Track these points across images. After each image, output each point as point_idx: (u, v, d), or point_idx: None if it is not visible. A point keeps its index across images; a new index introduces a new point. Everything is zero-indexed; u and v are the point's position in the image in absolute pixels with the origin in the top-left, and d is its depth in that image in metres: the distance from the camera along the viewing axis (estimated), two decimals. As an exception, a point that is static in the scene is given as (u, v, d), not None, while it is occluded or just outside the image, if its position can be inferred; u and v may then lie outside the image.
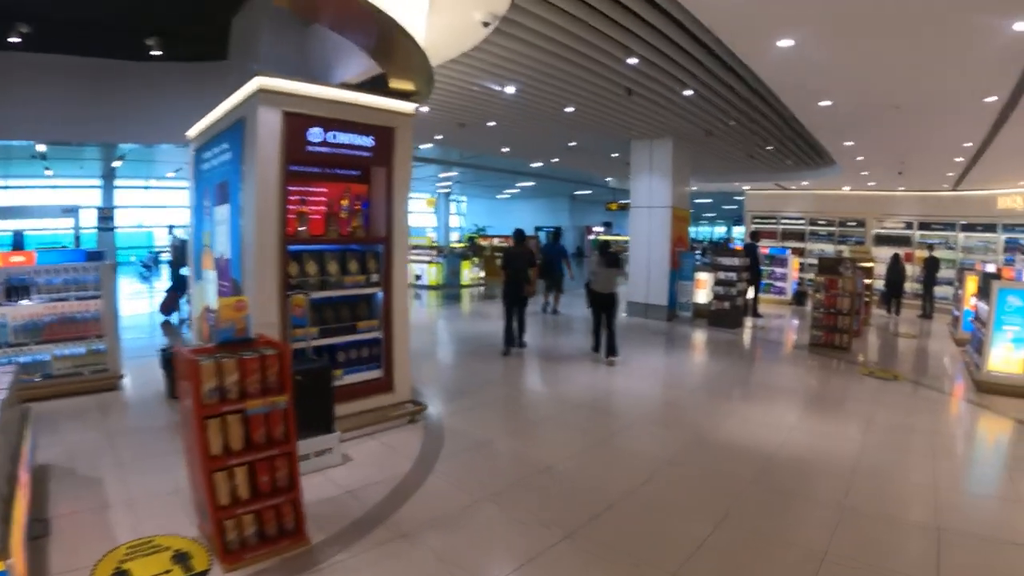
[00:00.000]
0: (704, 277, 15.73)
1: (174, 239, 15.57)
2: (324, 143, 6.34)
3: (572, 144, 16.81)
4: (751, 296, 16.04)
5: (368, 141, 6.64)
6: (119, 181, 28.29)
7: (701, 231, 64.71)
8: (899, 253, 18.22)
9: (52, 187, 27.73)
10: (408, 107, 6.93)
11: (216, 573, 3.84)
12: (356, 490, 5.13)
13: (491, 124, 13.90)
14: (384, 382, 7.02)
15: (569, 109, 12.08)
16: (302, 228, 6.45)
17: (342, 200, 6.87)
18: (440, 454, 6.06)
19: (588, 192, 41.56)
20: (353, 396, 6.67)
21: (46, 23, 9.52)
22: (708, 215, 57.70)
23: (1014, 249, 18.68)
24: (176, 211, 27.57)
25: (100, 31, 10.27)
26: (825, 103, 9.56)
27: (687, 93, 10.52)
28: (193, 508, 4.39)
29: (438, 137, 16.31)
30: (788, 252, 20.71)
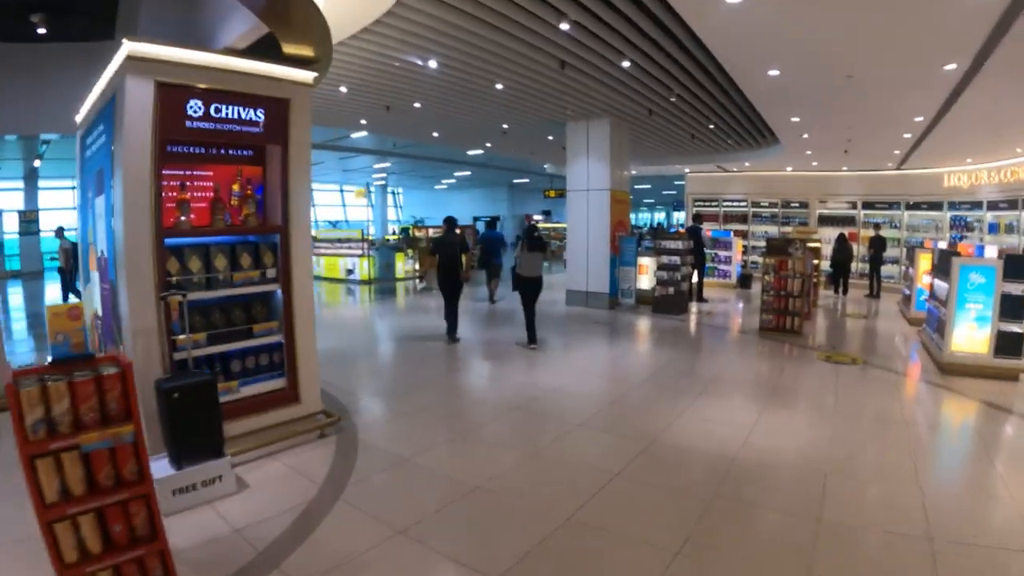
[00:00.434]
0: (646, 262, 15.11)
1: (63, 241, 14.15)
2: (207, 118, 5.39)
3: (505, 127, 15.95)
4: (695, 280, 15.48)
5: (258, 115, 5.70)
6: (43, 182, 26.28)
7: (641, 217, 64.82)
8: (844, 233, 17.98)
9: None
10: (305, 76, 5.99)
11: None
12: (248, 527, 4.25)
13: (417, 105, 12.96)
14: (288, 393, 6.08)
15: (499, 86, 11.24)
16: (183, 218, 5.48)
17: (232, 185, 5.93)
18: (352, 475, 5.19)
19: (526, 180, 41.14)
20: (252, 411, 5.77)
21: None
22: (648, 201, 57.74)
23: (960, 227, 18.58)
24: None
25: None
26: (773, 72, 8.92)
27: (625, 65, 9.76)
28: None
29: (363, 122, 15.25)
30: (732, 235, 20.36)
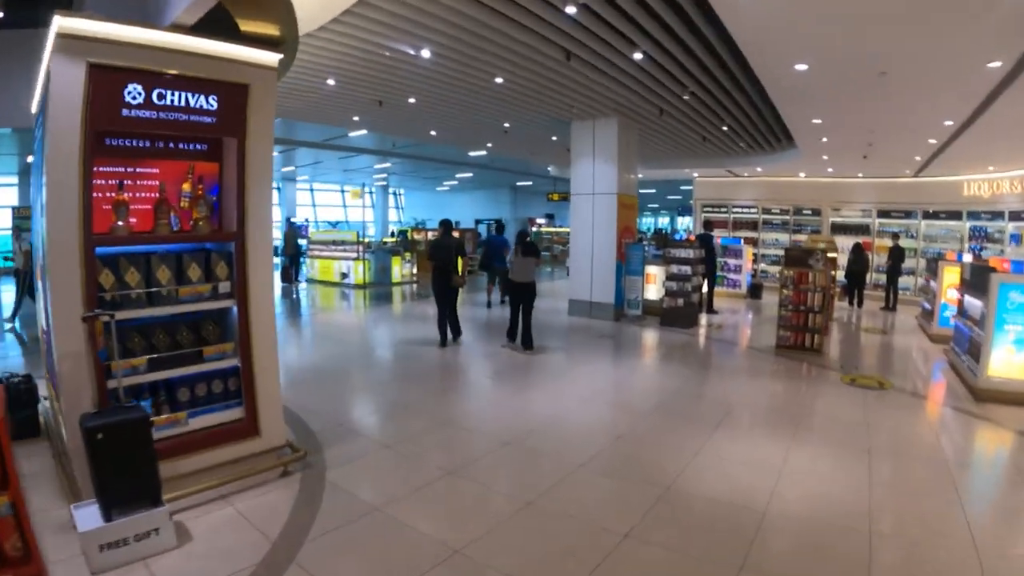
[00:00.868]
0: (654, 271, 14.23)
1: (21, 242, 13.24)
2: (148, 105, 4.55)
3: (506, 126, 15.08)
4: (705, 291, 14.64)
5: (211, 103, 4.86)
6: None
7: (645, 222, 63.97)
8: (860, 242, 17.19)
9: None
10: (267, 58, 5.14)
11: None
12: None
13: (412, 101, 12.13)
14: (246, 424, 5.24)
15: (499, 80, 10.40)
16: (120, 223, 4.66)
17: (183, 184, 5.10)
18: (311, 529, 4.34)
19: (529, 183, 40.57)
20: (203, 446, 4.95)
21: None
22: (652, 205, 56.88)
23: (980, 237, 17.73)
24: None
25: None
26: (800, 67, 8.06)
27: (637, 57, 8.91)
28: None
29: (356, 118, 14.40)
30: (742, 242, 19.54)
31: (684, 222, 56.35)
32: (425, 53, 8.91)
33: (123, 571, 3.76)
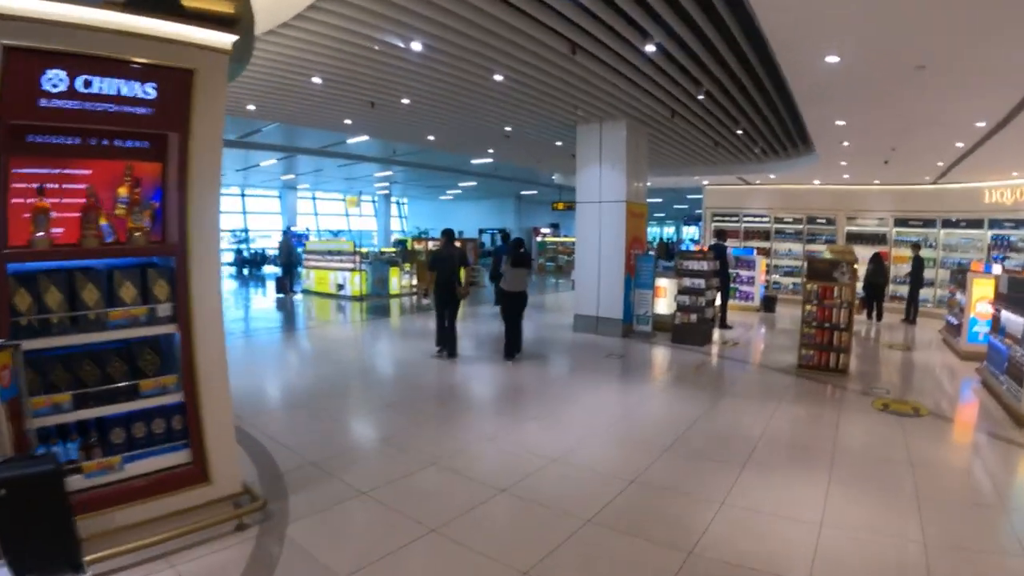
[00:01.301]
0: (665, 284, 13.39)
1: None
2: (71, 94, 3.83)
3: (508, 130, 14.26)
4: (719, 304, 13.80)
5: (148, 92, 4.09)
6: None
7: (649, 232, 63.11)
8: (879, 252, 16.43)
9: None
10: (217, 39, 4.33)
11: None
12: None
13: (405, 102, 11.34)
14: (193, 470, 4.45)
15: (498, 77, 9.59)
16: (40, 234, 3.88)
17: (119, 188, 4.28)
18: (262, 606, 3.55)
19: (534, 192, 40.00)
20: (142, 495, 4.18)
21: None
22: (658, 215, 56.01)
23: (1003, 246, 16.86)
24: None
25: None
26: (832, 59, 7.24)
27: (649, 49, 8.09)
28: None
29: (347, 121, 13.60)
30: (755, 253, 18.72)
31: (690, 232, 55.61)
32: (416, 46, 8.12)
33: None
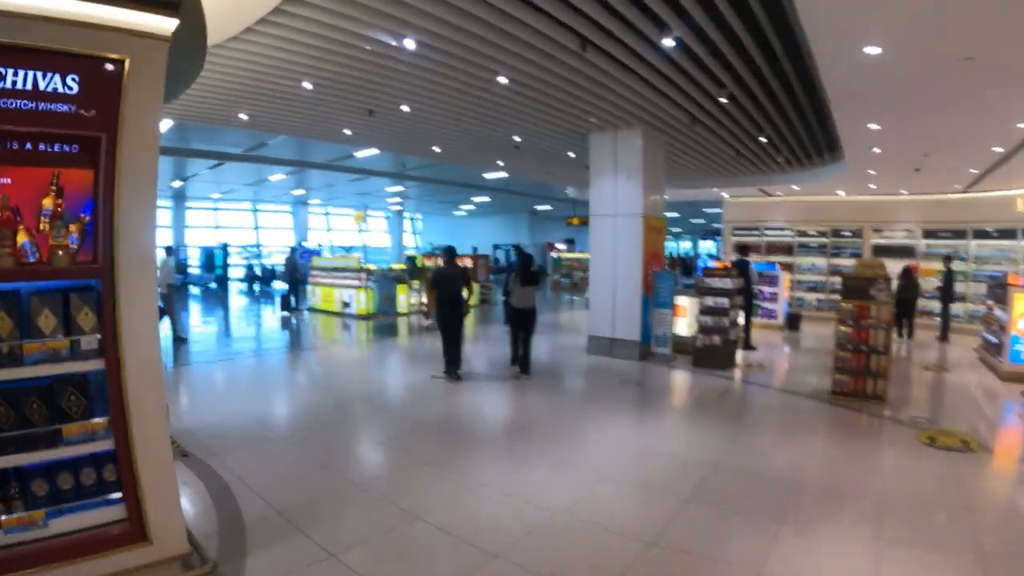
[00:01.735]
0: (684, 303, 12.53)
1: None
2: (-26, 89, 3.16)
3: (517, 140, 13.51)
4: (742, 323, 12.91)
5: (69, 86, 3.45)
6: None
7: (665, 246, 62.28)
8: (909, 266, 15.60)
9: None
10: (155, 23, 3.64)
11: None
12: None
13: (405, 109, 10.62)
14: (130, 527, 3.75)
15: (503, 80, 8.85)
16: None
17: (43, 199, 3.58)
18: None
19: (548, 207, 39.63)
20: (69, 555, 3.55)
21: None
22: (674, 229, 55.18)
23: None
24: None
25: None
26: (872, 50, 6.43)
27: (667, 44, 7.31)
28: None
29: (347, 132, 12.90)
30: (778, 268, 17.86)
31: (706, 247, 54.75)
32: (409, 43, 7.39)
33: None
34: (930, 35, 6.11)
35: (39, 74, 3.37)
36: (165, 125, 14.73)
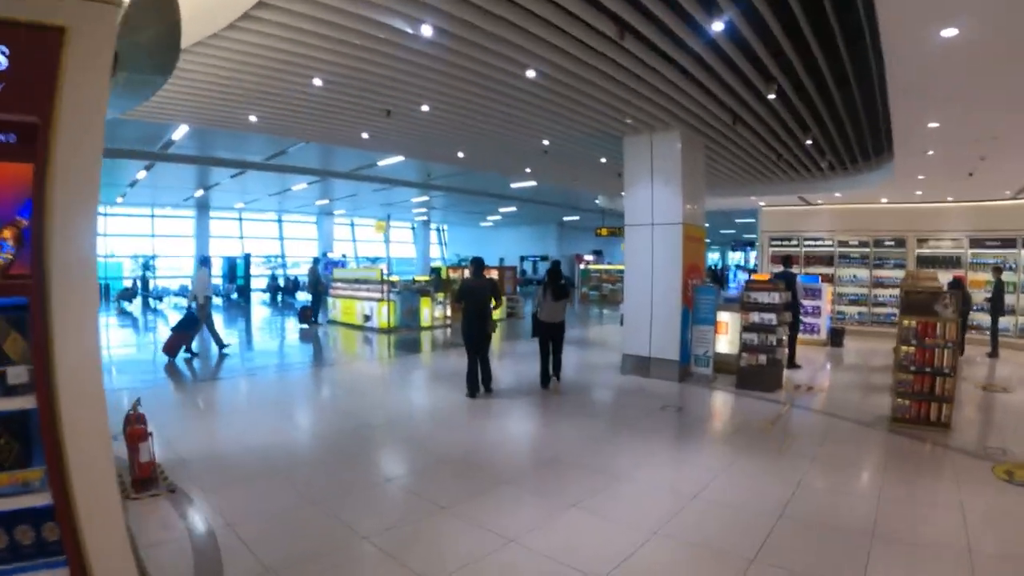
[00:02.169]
0: (726, 318, 11.63)
1: None
2: None
3: (545, 144, 12.72)
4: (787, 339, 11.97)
5: (-4, 58, 2.77)
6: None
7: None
8: (958, 277, 14.93)
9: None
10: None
11: None
12: None
13: (425, 109, 9.91)
14: (73, 595, 3.00)
15: (531, 73, 8.08)
16: None
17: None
18: None
19: (576, 218, 38.99)
20: None
21: None
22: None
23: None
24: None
25: None
26: (949, 32, 5.58)
27: (716, 29, 6.50)
28: None
29: (364, 136, 12.19)
30: (820, 280, 16.96)
31: (735, 258, 53.75)
32: (427, 30, 6.66)
33: None
34: (1016, 13, 5.26)
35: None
36: (180, 132, 14.21)
